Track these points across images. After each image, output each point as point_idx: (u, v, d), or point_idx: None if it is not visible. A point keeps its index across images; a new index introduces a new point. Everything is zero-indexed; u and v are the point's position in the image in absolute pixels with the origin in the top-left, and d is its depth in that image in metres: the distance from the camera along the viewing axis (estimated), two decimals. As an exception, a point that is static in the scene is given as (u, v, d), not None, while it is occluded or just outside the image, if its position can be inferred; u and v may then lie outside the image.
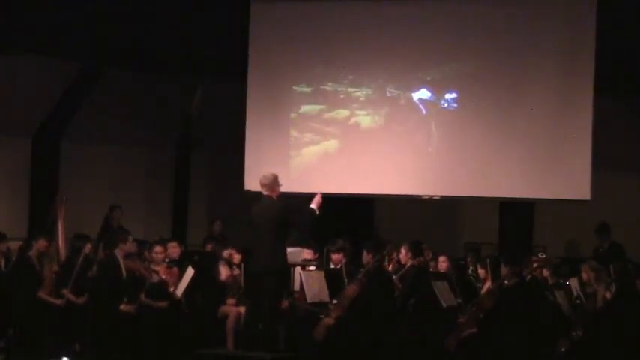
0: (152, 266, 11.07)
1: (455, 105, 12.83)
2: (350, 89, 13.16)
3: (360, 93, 13.13)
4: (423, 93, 12.92)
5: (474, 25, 12.69)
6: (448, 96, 12.86)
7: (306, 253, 11.28)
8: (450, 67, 12.85)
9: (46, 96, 14.15)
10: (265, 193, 10.09)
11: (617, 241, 12.97)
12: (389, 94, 13.05)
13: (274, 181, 10.10)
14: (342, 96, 13.21)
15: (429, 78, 12.91)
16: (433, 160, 12.85)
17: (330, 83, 13.24)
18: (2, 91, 13.65)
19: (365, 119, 13.14)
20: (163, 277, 10.98)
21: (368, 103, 13.11)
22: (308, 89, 13.30)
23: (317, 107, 13.30)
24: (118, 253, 10.89)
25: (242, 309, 10.90)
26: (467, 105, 12.79)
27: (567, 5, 12.48)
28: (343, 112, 13.21)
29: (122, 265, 10.81)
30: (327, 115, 13.26)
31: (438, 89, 12.88)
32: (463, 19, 12.73)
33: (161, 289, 10.91)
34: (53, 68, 13.94)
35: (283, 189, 10.44)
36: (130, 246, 11.07)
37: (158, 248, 11.20)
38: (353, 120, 13.17)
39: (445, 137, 12.84)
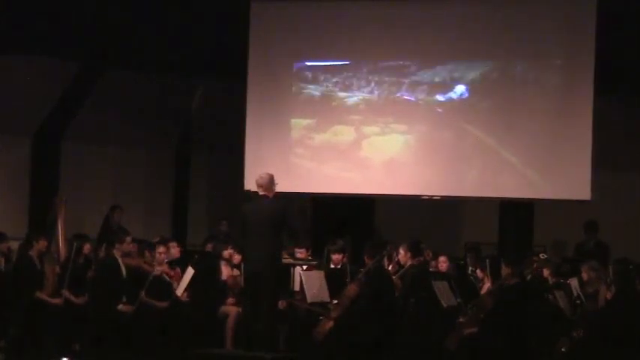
0: (154, 265, 11.06)
1: (454, 105, 12.84)
2: (349, 90, 13.16)
3: (361, 95, 13.13)
4: (423, 94, 12.93)
5: (474, 26, 12.70)
6: (448, 97, 12.87)
7: (299, 253, 11.28)
8: (449, 67, 12.87)
9: (46, 96, 14.15)
10: (262, 193, 10.07)
11: (617, 240, 12.96)
12: (388, 95, 13.05)
13: (270, 181, 10.05)
14: (342, 97, 13.21)
15: (428, 79, 12.92)
16: (433, 160, 12.86)
17: (329, 84, 13.24)
18: (2, 91, 13.65)
19: (364, 120, 13.15)
20: (167, 274, 10.99)
21: (368, 104, 13.12)
22: (307, 87, 13.30)
23: (316, 106, 13.31)
24: (117, 253, 10.88)
25: (242, 309, 10.90)
26: (467, 105, 12.80)
27: (567, 5, 12.49)
28: (343, 113, 13.22)
29: (122, 265, 10.81)
30: (326, 116, 13.27)
31: (437, 90, 12.89)
32: (462, 20, 12.74)
33: (162, 287, 10.90)
34: (53, 68, 13.94)
35: (283, 189, 10.43)
36: (127, 246, 11.06)
37: (161, 249, 11.18)
38: (352, 120, 13.18)
39: (445, 137, 12.85)
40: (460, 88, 12.82)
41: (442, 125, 12.88)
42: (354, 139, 13.15)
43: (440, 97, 12.90)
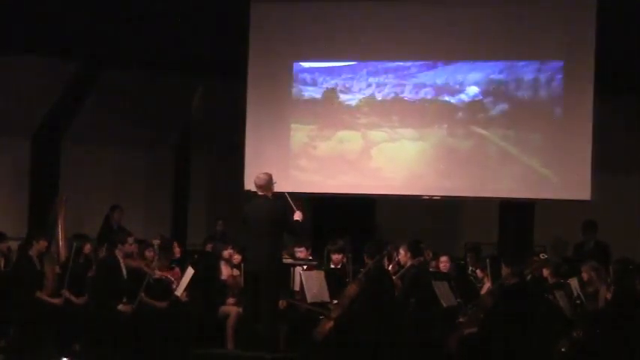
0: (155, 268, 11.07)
1: (454, 106, 12.84)
2: (350, 92, 13.16)
3: (362, 96, 13.13)
4: (424, 95, 12.93)
5: (473, 26, 12.70)
6: (448, 98, 12.87)
7: (299, 252, 11.29)
8: (450, 69, 12.87)
9: (46, 96, 14.15)
10: (261, 193, 10.08)
11: (616, 240, 12.95)
12: (388, 95, 13.06)
13: (269, 182, 10.08)
14: (343, 98, 13.21)
15: (430, 80, 12.92)
16: (433, 160, 12.86)
17: (329, 84, 13.25)
18: (2, 91, 13.65)
19: (364, 119, 13.15)
20: (168, 277, 10.99)
21: (370, 106, 13.11)
22: (307, 89, 13.31)
23: (316, 108, 13.31)
24: (118, 253, 10.89)
25: (242, 309, 10.90)
26: (466, 105, 12.81)
27: (567, 6, 12.50)
28: (342, 113, 13.22)
29: (122, 266, 10.81)
30: (326, 115, 13.26)
31: (438, 90, 12.89)
32: (462, 20, 12.74)
33: (162, 287, 10.90)
34: (53, 68, 13.95)
35: (283, 189, 10.44)
36: (129, 247, 11.07)
37: (147, 253, 11.22)
38: (352, 119, 13.18)
39: (445, 138, 12.85)
40: (460, 89, 12.82)
41: (442, 126, 12.87)
42: (355, 139, 13.13)
43: (440, 98, 12.89)
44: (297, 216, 10.12)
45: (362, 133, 13.11)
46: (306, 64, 13.31)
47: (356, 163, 13.09)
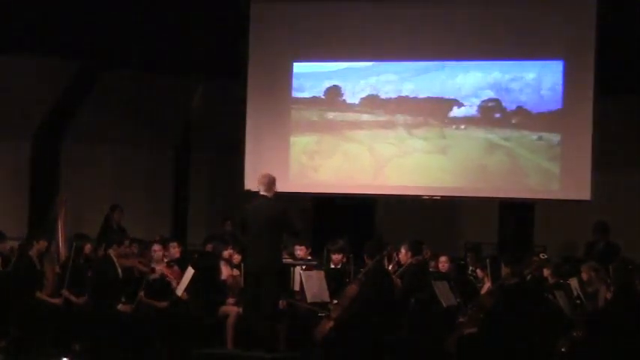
0: (153, 265, 11.06)
1: (453, 105, 12.85)
2: (349, 88, 13.17)
3: (361, 94, 13.14)
4: (425, 95, 12.94)
5: (474, 25, 12.71)
6: (448, 97, 12.88)
7: (299, 250, 11.28)
8: (449, 67, 12.88)
9: (46, 96, 14.15)
10: (263, 192, 10.09)
11: (617, 240, 12.95)
12: (388, 96, 13.07)
13: (273, 182, 10.12)
14: (342, 97, 13.22)
15: (429, 79, 12.93)
16: (433, 160, 12.87)
17: (329, 85, 13.25)
18: (2, 91, 13.65)
19: (363, 118, 13.15)
20: (167, 276, 10.98)
21: (368, 104, 13.12)
22: (307, 90, 13.31)
23: (316, 108, 13.31)
24: (112, 253, 10.87)
25: (242, 309, 10.90)
26: (465, 105, 12.81)
27: (567, 5, 12.50)
28: (342, 112, 13.23)
29: (117, 265, 10.80)
30: (325, 116, 13.27)
31: (439, 90, 12.89)
32: (462, 20, 12.75)
33: (162, 287, 10.90)
34: (53, 68, 13.94)
35: (282, 189, 10.44)
36: (125, 249, 11.05)
37: (156, 247, 11.18)
38: (351, 120, 13.18)
39: (445, 137, 12.85)
40: (460, 89, 12.84)
41: (441, 126, 12.88)
42: (355, 139, 13.15)
43: (440, 97, 12.90)
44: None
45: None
46: (306, 64, 13.32)
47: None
